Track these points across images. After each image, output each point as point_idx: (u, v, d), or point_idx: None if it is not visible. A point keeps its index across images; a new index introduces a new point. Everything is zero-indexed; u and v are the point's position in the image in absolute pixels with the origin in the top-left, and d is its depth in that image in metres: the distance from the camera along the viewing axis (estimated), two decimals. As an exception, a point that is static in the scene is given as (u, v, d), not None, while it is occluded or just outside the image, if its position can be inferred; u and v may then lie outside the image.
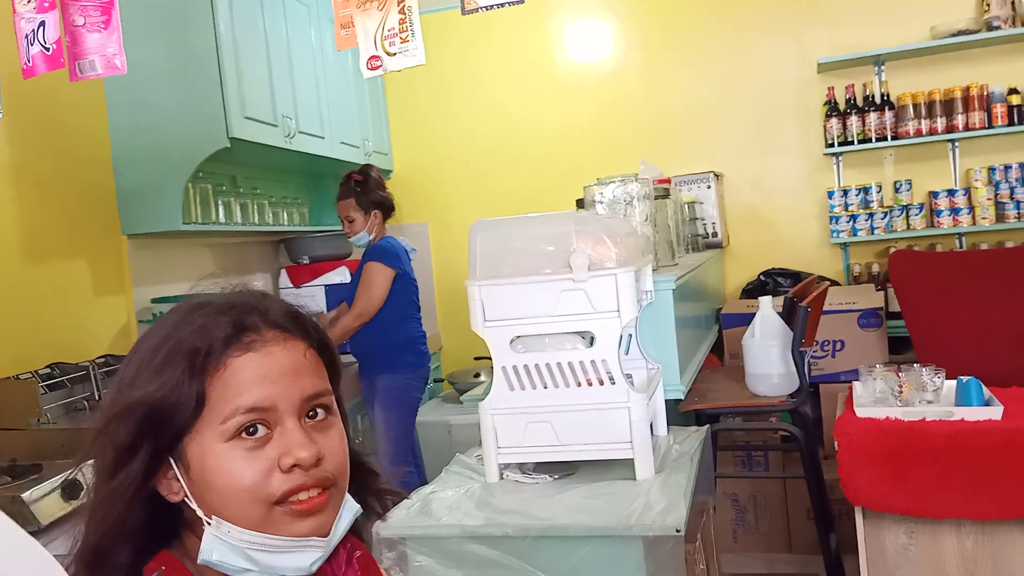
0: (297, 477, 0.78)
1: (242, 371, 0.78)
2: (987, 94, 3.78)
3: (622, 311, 1.81)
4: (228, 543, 0.77)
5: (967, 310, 2.90)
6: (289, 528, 0.78)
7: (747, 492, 3.32)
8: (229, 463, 0.76)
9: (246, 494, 0.76)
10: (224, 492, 0.76)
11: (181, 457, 0.78)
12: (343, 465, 0.84)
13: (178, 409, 0.77)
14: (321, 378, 0.84)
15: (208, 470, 0.77)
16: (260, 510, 0.77)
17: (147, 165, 3.00)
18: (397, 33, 1.85)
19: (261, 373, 0.79)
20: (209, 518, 0.77)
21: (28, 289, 2.62)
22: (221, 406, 0.77)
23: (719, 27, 4.22)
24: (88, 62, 1.81)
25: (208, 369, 0.78)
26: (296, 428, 0.79)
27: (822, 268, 4.11)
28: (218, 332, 0.79)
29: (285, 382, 0.79)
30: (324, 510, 0.80)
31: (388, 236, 3.34)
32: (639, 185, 2.48)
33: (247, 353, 0.79)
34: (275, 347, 0.81)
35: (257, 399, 0.77)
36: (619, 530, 1.62)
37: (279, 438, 0.78)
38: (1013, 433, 1.90)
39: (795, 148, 4.17)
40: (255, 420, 0.77)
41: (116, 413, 0.78)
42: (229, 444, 0.77)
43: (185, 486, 0.78)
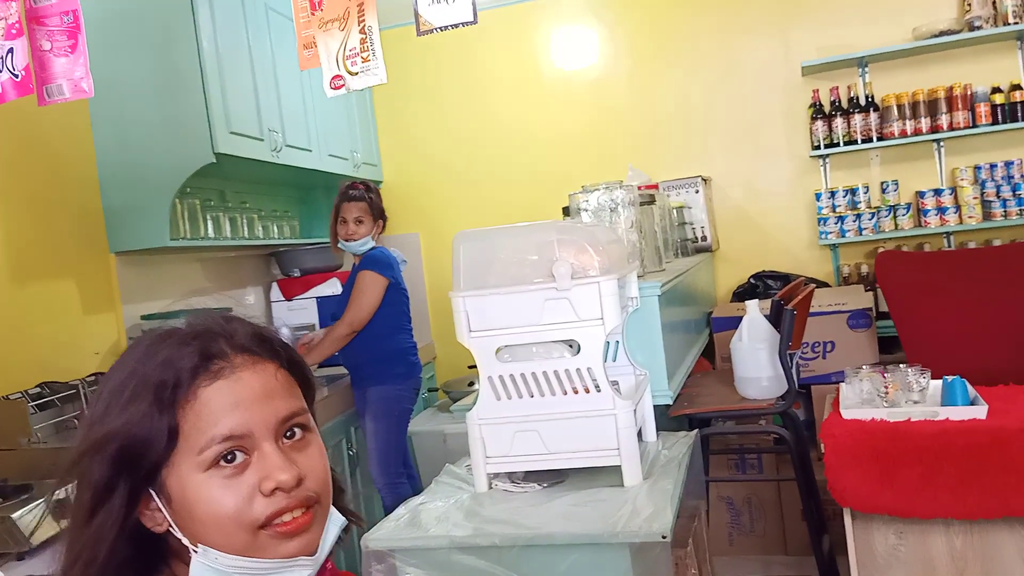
0: (280, 500, 0.78)
1: (213, 400, 0.78)
2: (970, 94, 3.80)
3: (606, 319, 1.82)
4: (216, 569, 0.77)
5: (955, 309, 2.91)
6: (276, 550, 0.78)
7: (741, 495, 3.33)
8: (209, 492, 0.77)
9: (230, 521, 0.76)
10: (207, 521, 0.77)
11: (161, 489, 0.78)
12: (325, 482, 0.84)
13: (150, 443, 0.77)
14: (295, 397, 0.84)
15: (189, 500, 0.77)
16: (245, 536, 0.77)
17: (133, 182, 3.00)
18: (359, 52, 1.86)
19: (233, 400, 0.78)
20: (195, 546, 0.77)
21: (17, 309, 2.62)
22: (196, 437, 0.77)
23: (704, 32, 4.24)
24: (56, 86, 1.82)
25: (179, 400, 0.78)
26: (274, 451, 0.79)
27: (812, 270, 4.13)
28: (185, 363, 0.79)
29: (258, 407, 0.79)
30: (310, 529, 0.80)
31: (381, 247, 3.35)
32: (624, 192, 2.50)
33: (216, 381, 0.79)
34: (244, 372, 0.80)
35: (232, 427, 0.77)
36: (606, 537, 1.63)
37: (258, 463, 0.78)
38: (998, 432, 1.91)
39: (782, 151, 4.19)
40: (232, 448, 0.77)
41: (87, 450, 0.78)
42: (208, 473, 0.77)
43: (168, 517, 0.78)
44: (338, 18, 1.83)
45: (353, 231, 3.25)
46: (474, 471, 1.95)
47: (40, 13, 1.79)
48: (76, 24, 1.76)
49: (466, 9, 1.77)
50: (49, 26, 1.77)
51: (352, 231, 3.25)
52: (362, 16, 1.82)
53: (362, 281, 3.21)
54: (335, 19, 1.83)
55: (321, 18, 1.85)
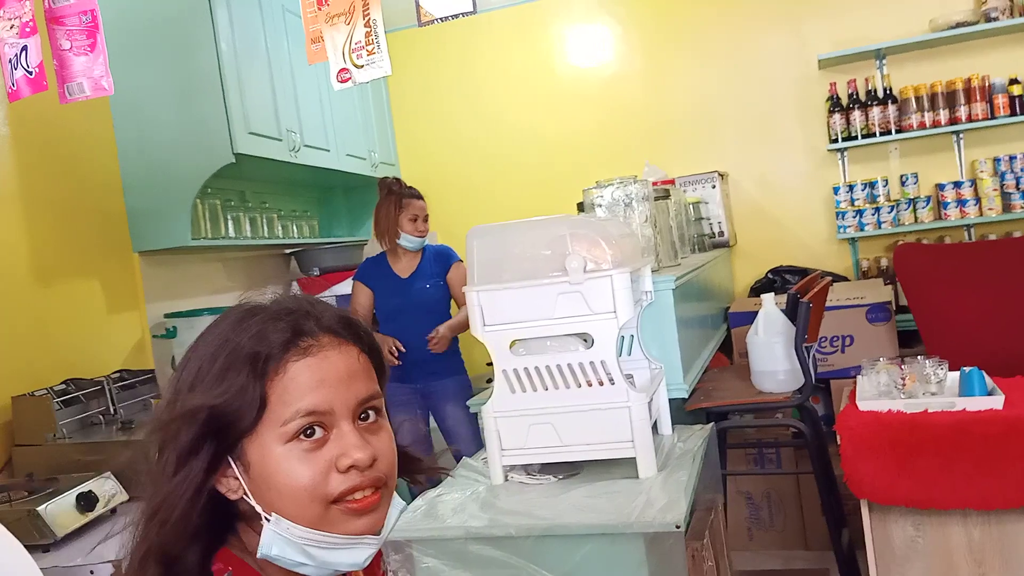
0: (353, 477, 0.81)
1: (301, 375, 0.81)
2: (988, 85, 3.77)
3: (619, 312, 1.83)
4: (286, 539, 0.80)
5: (974, 301, 2.90)
6: (345, 526, 0.81)
7: (761, 490, 3.33)
8: (289, 464, 0.80)
9: (305, 493, 0.80)
10: (283, 491, 0.80)
11: (240, 457, 0.81)
12: (393, 466, 0.87)
13: (241, 413, 0.80)
14: (372, 381, 0.87)
15: (269, 470, 0.80)
16: (318, 509, 0.80)
17: (155, 183, 3.05)
18: (364, 46, 1.89)
19: (319, 377, 0.82)
20: (268, 515, 0.80)
21: (43, 308, 2.67)
22: (281, 409, 0.80)
23: (719, 27, 4.23)
24: (76, 84, 1.87)
25: (268, 373, 0.81)
26: (352, 431, 0.82)
27: (830, 264, 4.11)
28: (277, 337, 0.82)
29: (341, 386, 0.83)
30: (377, 509, 0.84)
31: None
32: (638, 187, 2.50)
33: (305, 358, 0.82)
34: (331, 352, 0.84)
35: (316, 403, 0.81)
36: (620, 528, 1.64)
37: (336, 440, 0.81)
38: (1015, 421, 1.91)
39: (799, 145, 4.18)
40: (313, 423, 0.81)
41: (179, 415, 0.81)
42: (288, 446, 0.80)
43: (244, 485, 0.81)
44: (344, 12, 1.86)
45: (422, 228, 3.38)
46: (490, 463, 1.97)
47: (58, 13, 1.83)
48: (94, 23, 1.80)
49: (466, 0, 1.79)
50: (68, 25, 1.81)
51: (421, 228, 3.38)
52: (367, 10, 1.85)
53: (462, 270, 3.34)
54: (341, 13, 1.86)
55: (328, 13, 1.88)
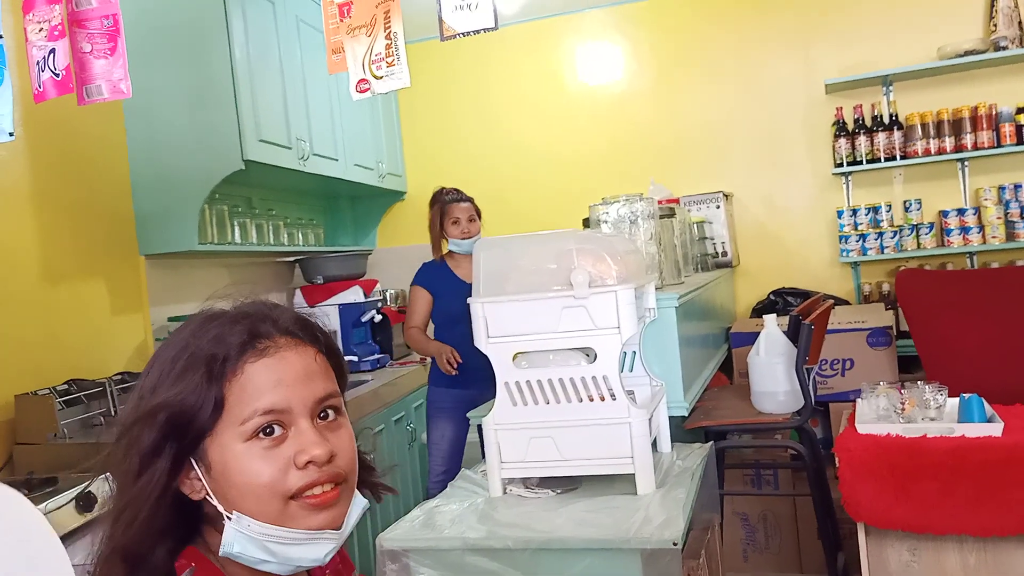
0: (312, 473, 0.83)
1: (258, 376, 0.84)
2: (995, 113, 3.79)
3: (622, 327, 1.84)
4: (248, 536, 0.82)
5: (975, 328, 2.91)
6: (305, 521, 0.83)
7: (757, 511, 3.33)
8: (248, 462, 0.82)
9: (265, 490, 0.82)
10: (244, 489, 0.82)
11: (202, 458, 0.84)
12: (353, 462, 0.89)
13: (198, 412, 0.82)
14: (331, 381, 0.90)
15: (229, 468, 0.82)
16: (278, 504, 0.82)
17: (164, 187, 3.08)
18: (384, 58, 1.92)
19: (276, 377, 0.84)
20: (230, 513, 0.82)
21: (48, 308, 2.69)
22: (239, 409, 0.83)
23: (727, 49, 4.27)
24: (95, 87, 1.89)
25: (226, 374, 0.83)
26: (309, 428, 0.84)
27: (832, 287, 4.12)
28: (234, 339, 0.85)
29: (298, 385, 0.85)
30: (336, 504, 0.86)
31: None
32: (644, 204, 2.52)
33: (262, 359, 0.85)
34: (288, 352, 0.86)
35: (273, 402, 0.83)
36: (617, 543, 1.65)
37: (294, 437, 0.84)
38: (1013, 448, 1.91)
39: (804, 168, 4.20)
40: (272, 421, 0.83)
41: (140, 417, 0.83)
42: (248, 444, 0.82)
43: (207, 485, 0.83)
44: (365, 24, 1.88)
45: (467, 229, 3.37)
46: (489, 476, 1.98)
47: (81, 16, 1.86)
48: (116, 27, 1.83)
49: (488, 16, 1.82)
50: (89, 29, 1.83)
51: (466, 229, 3.37)
52: (388, 23, 1.87)
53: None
54: (363, 25, 1.89)
55: (349, 24, 1.91)
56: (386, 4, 1.87)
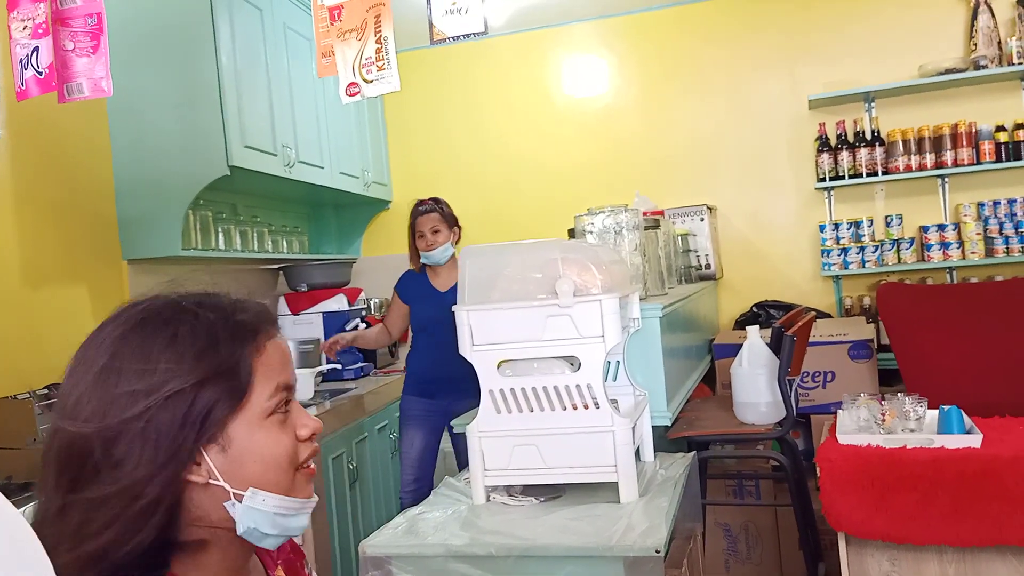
0: (311, 444, 0.90)
1: (275, 353, 0.88)
2: (975, 131, 3.85)
3: (607, 336, 1.85)
4: (261, 511, 0.84)
5: (955, 342, 2.94)
6: (305, 490, 0.89)
7: (739, 522, 3.34)
8: (272, 434, 0.85)
9: (286, 459, 0.86)
10: (268, 460, 0.85)
11: (216, 439, 0.81)
12: None
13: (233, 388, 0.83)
14: None
15: (255, 443, 0.84)
16: (291, 474, 0.87)
17: (148, 192, 3.06)
18: (374, 61, 1.92)
19: (284, 357, 0.90)
20: (242, 491, 0.83)
21: (29, 312, 2.67)
22: (265, 385, 0.85)
23: (713, 65, 4.31)
24: (76, 85, 1.88)
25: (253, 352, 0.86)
26: (299, 406, 0.91)
27: (814, 300, 4.15)
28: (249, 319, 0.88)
29: (290, 365, 0.91)
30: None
31: None
32: (629, 216, 2.54)
33: (273, 339, 0.89)
34: (280, 335, 0.92)
35: (288, 378, 0.89)
36: (600, 550, 1.65)
37: (293, 412, 0.89)
38: (991, 460, 1.93)
39: (787, 182, 4.24)
40: (288, 397, 0.88)
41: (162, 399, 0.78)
42: (271, 419, 0.86)
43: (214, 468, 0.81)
44: (356, 28, 1.89)
45: (432, 241, 3.36)
46: (472, 483, 1.98)
47: (65, 14, 1.85)
48: (99, 26, 1.82)
49: (478, 21, 1.84)
50: (73, 27, 1.83)
51: (431, 241, 3.36)
52: (378, 27, 1.88)
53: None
54: (353, 29, 1.89)
55: (340, 28, 1.92)
56: (377, 8, 1.87)
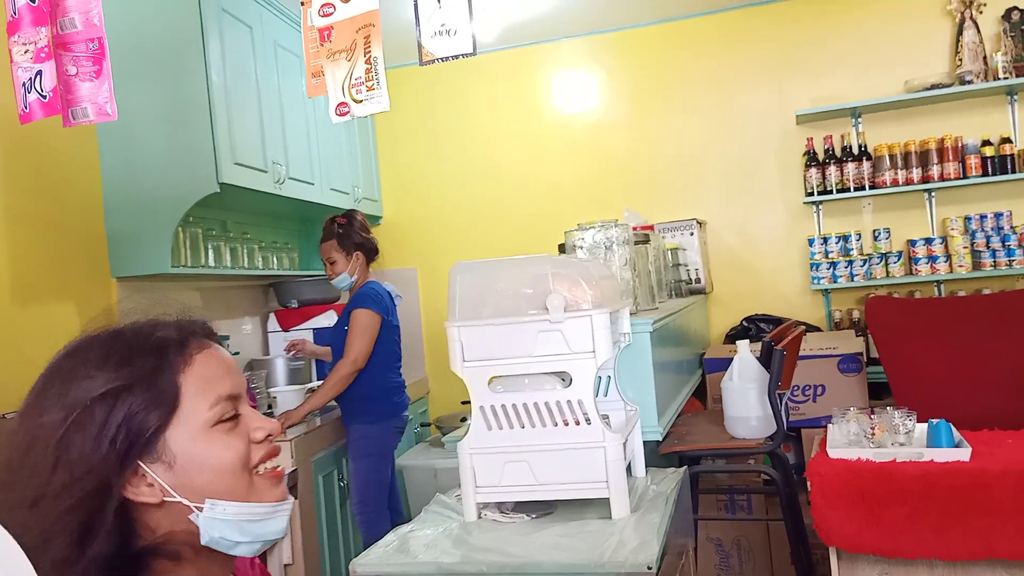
0: (267, 445, 0.91)
1: (210, 363, 0.89)
2: (961, 146, 3.88)
3: (597, 352, 1.85)
4: (224, 520, 0.85)
5: (943, 355, 2.95)
6: (270, 493, 0.89)
7: (731, 536, 3.33)
8: (218, 444, 0.86)
9: (236, 465, 0.86)
10: (216, 471, 0.85)
11: (160, 456, 0.82)
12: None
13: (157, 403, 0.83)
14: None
15: (199, 455, 0.84)
16: (246, 480, 0.87)
17: (138, 209, 3.05)
18: (364, 82, 1.93)
19: (224, 366, 0.90)
20: (200, 504, 0.83)
21: (18, 329, 2.65)
22: (202, 397, 0.86)
23: (702, 80, 4.34)
24: (80, 109, 1.89)
25: (180, 363, 0.86)
26: (251, 410, 0.92)
27: (804, 314, 4.17)
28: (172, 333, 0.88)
29: (234, 375, 0.91)
30: (284, 477, 0.94)
31: (373, 281, 3.34)
32: (619, 230, 2.55)
33: (204, 349, 0.89)
34: (213, 348, 0.91)
35: (230, 387, 0.89)
36: (592, 567, 1.64)
37: (245, 418, 0.90)
38: (980, 474, 1.94)
39: (776, 197, 4.27)
40: (231, 406, 0.88)
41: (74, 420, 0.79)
42: (215, 428, 0.86)
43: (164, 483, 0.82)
44: (346, 49, 1.90)
45: (330, 272, 3.31)
46: (464, 500, 1.97)
47: (67, 39, 1.86)
48: (101, 51, 1.83)
49: (466, 42, 1.85)
50: (75, 52, 1.83)
51: (329, 272, 3.32)
52: (368, 48, 1.89)
53: (359, 319, 3.20)
54: (343, 50, 1.90)
55: (330, 49, 1.93)
56: (366, 29, 1.89)
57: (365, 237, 3.34)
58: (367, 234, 3.36)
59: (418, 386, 4.44)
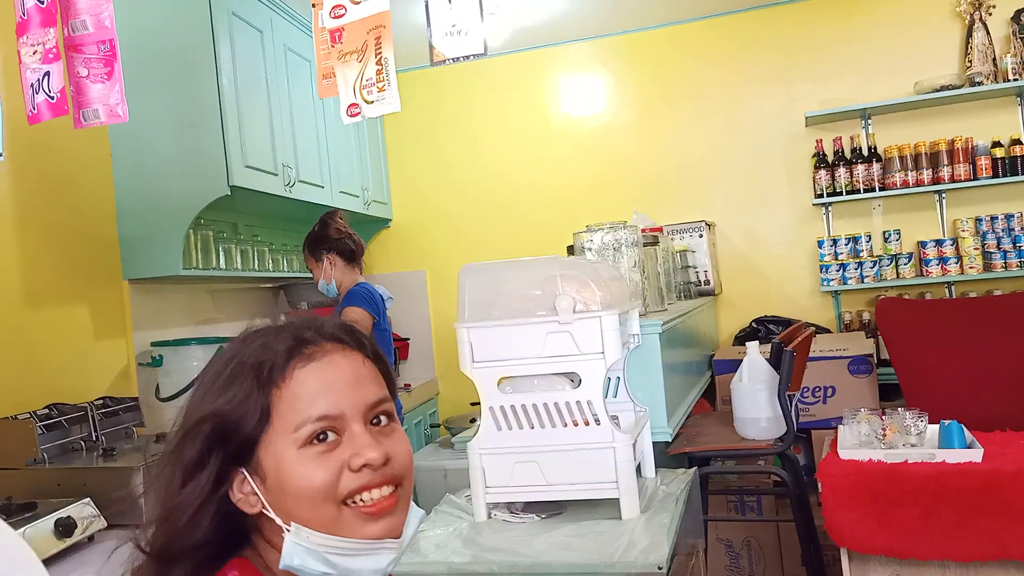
0: (366, 475, 0.83)
1: (308, 380, 0.84)
2: (971, 147, 3.87)
3: (607, 353, 1.85)
4: (307, 548, 0.81)
5: (954, 356, 2.94)
6: (361, 530, 0.82)
7: (740, 538, 3.33)
8: (302, 467, 0.81)
9: (318, 493, 0.81)
10: (299, 495, 0.81)
11: (256, 469, 0.83)
12: (409, 467, 0.89)
13: (244, 420, 0.82)
14: (380, 386, 0.90)
15: (283, 475, 0.81)
16: (332, 510, 0.81)
17: (149, 211, 3.07)
18: (375, 83, 1.94)
19: (326, 382, 0.84)
20: (288, 525, 0.81)
21: (31, 331, 2.67)
22: (292, 415, 0.82)
23: (710, 83, 4.34)
24: (92, 111, 1.90)
25: (274, 381, 0.83)
26: (363, 432, 0.84)
27: (814, 316, 4.16)
28: (280, 346, 0.85)
29: (349, 390, 0.85)
30: (394, 512, 0.85)
31: (364, 282, 3.28)
32: (627, 232, 2.55)
33: (310, 363, 0.85)
34: (336, 356, 0.86)
35: (326, 408, 0.83)
36: (602, 567, 1.64)
37: (348, 442, 0.83)
38: (992, 474, 1.93)
39: (785, 199, 4.26)
40: (326, 427, 0.83)
41: (186, 430, 0.83)
42: (302, 451, 0.82)
43: (262, 496, 0.83)
44: (356, 50, 1.91)
45: (314, 281, 3.32)
46: (474, 500, 1.97)
47: (78, 41, 1.87)
48: (112, 52, 1.85)
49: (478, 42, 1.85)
50: (86, 53, 1.85)
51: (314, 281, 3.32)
52: (379, 48, 1.90)
53: (347, 317, 3.16)
54: (354, 51, 1.91)
55: (340, 50, 1.93)
56: (377, 30, 1.89)
57: (337, 239, 3.24)
58: (341, 235, 3.26)
59: (427, 387, 4.46)
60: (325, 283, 3.27)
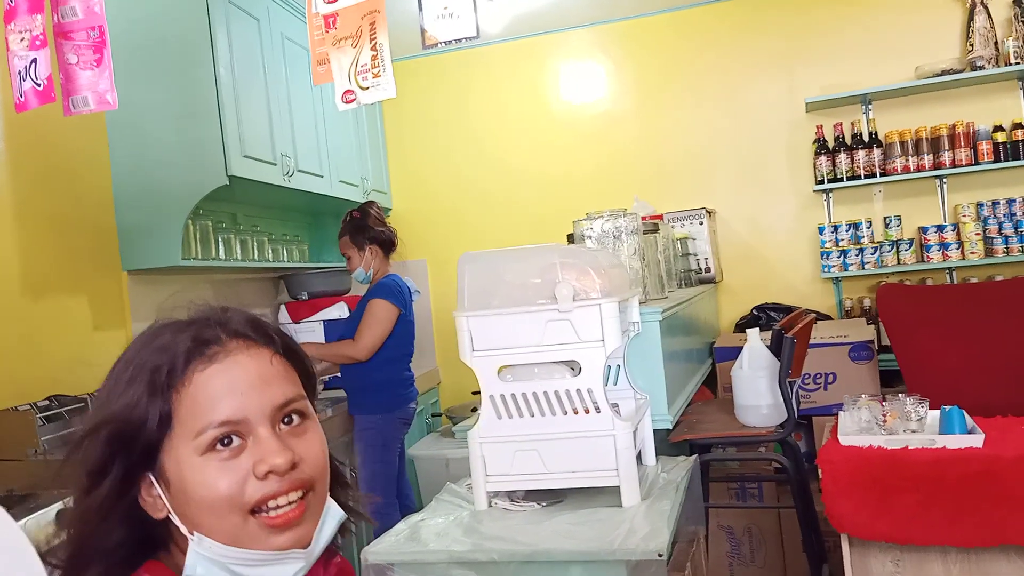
0: (272, 483, 0.78)
1: (209, 384, 0.79)
2: (973, 132, 3.85)
3: (606, 340, 1.85)
4: (210, 558, 0.78)
5: (955, 342, 2.93)
6: (266, 542, 0.79)
7: (742, 524, 3.33)
8: (205, 474, 0.77)
9: (222, 503, 0.77)
10: (202, 503, 0.77)
11: (161, 474, 0.80)
12: (323, 469, 0.84)
13: (142, 426, 0.78)
14: (292, 383, 0.84)
15: (186, 482, 0.78)
16: (237, 519, 0.77)
17: (148, 202, 3.06)
18: (369, 69, 1.93)
19: (229, 385, 0.79)
20: (192, 533, 0.78)
21: (30, 323, 2.67)
22: (192, 421, 0.78)
23: (710, 69, 4.32)
24: (81, 98, 1.89)
25: (174, 385, 0.79)
26: (270, 436, 0.79)
27: (815, 303, 4.16)
28: (179, 347, 0.80)
29: (254, 392, 0.80)
30: (301, 522, 0.81)
31: (393, 274, 3.34)
32: (627, 220, 2.54)
33: (211, 365, 0.80)
34: (240, 356, 0.82)
35: (228, 413, 0.78)
36: (603, 555, 1.65)
37: (253, 447, 0.79)
38: (993, 460, 1.93)
39: (786, 185, 4.24)
40: (228, 432, 0.78)
41: (86, 433, 0.81)
42: (204, 456, 0.78)
43: (167, 503, 0.79)
44: (351, 35, 1.90)
45: (348, 267, 3.34)
46: (474, 489, 1.97)
47: (67, 28, 1.86)
48: (102, 39, 1.83)
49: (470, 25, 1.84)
50: (75, 40, 1.83)
51: (348, 268, 3.33)
52: (374, 34, 1.89)
53: (375, 309, 3.20)
54: (348, 36, 1.90)
55: (335, 35, 1.92)
56: (371, 15, 1.88)
57: (379, 230, 3.33)
58: (382, 227, 3.36)
59: (429, 377, 4.46)
60: (363, 271, 3.31)
